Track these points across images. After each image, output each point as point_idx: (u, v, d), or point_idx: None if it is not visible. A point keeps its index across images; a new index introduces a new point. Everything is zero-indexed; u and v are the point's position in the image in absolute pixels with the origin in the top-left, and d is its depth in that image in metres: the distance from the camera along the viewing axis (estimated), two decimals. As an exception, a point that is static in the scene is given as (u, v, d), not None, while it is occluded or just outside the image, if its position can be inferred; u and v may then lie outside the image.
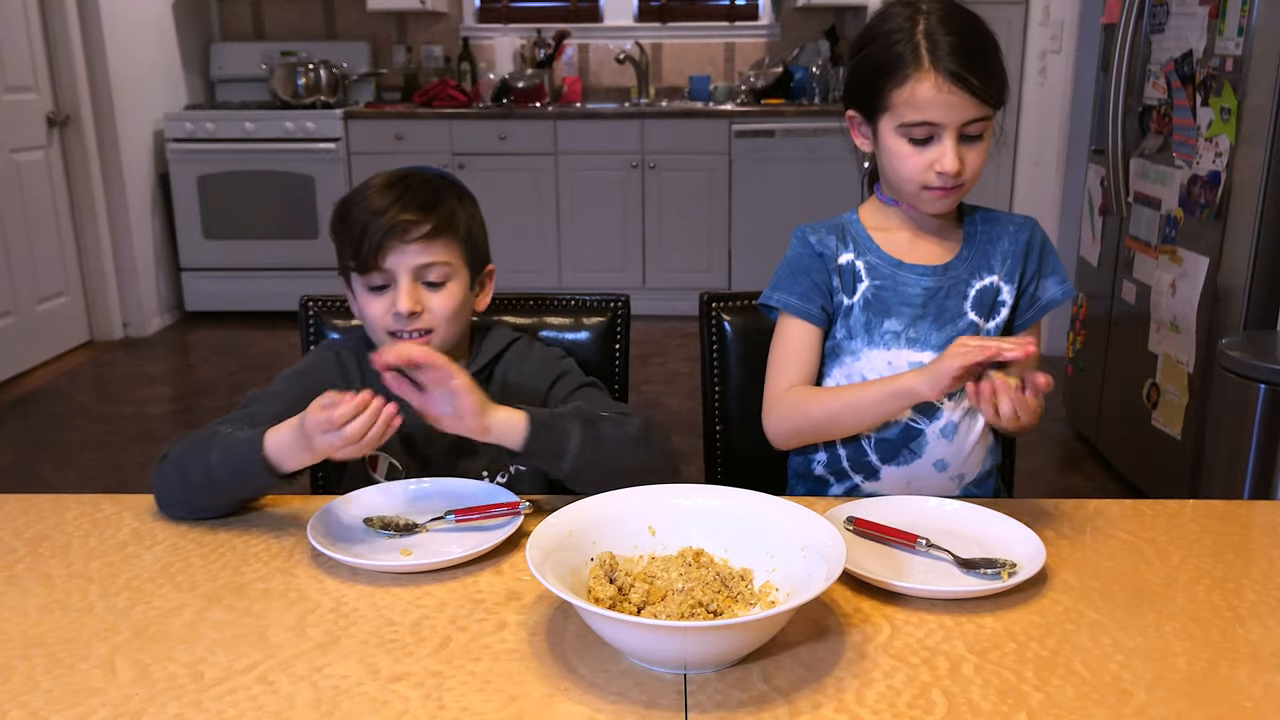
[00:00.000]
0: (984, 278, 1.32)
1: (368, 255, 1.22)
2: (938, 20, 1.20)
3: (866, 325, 1.31)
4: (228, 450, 1.13)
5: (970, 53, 1.18)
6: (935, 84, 1.18)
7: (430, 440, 1.30)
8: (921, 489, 1.32)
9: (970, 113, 1.19)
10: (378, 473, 1.31)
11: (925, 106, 1.19)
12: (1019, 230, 1.34)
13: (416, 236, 1.23)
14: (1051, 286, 1.35)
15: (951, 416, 1.31)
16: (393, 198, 1.24)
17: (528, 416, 1.13)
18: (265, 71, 4.97)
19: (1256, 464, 2.06)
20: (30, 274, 4.16)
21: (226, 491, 1.15)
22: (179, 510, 1.16)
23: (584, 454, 1.14)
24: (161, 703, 0.84)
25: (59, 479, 3.16)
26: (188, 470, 1.14)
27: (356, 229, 1.23)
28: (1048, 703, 0.83)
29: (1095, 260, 3.22)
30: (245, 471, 1.12)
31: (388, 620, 0.96)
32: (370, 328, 1.28)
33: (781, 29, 5.20)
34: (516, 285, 4.75)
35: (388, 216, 1.22)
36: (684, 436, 3.44)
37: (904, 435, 1.31)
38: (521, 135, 4.71)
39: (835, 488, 1.37)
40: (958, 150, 1.20)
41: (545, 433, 1.13)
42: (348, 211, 1.26)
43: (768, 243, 4.59)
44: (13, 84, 4.07)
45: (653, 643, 0.87)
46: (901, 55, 1.19)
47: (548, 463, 1.15)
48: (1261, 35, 2.32)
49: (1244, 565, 1.07)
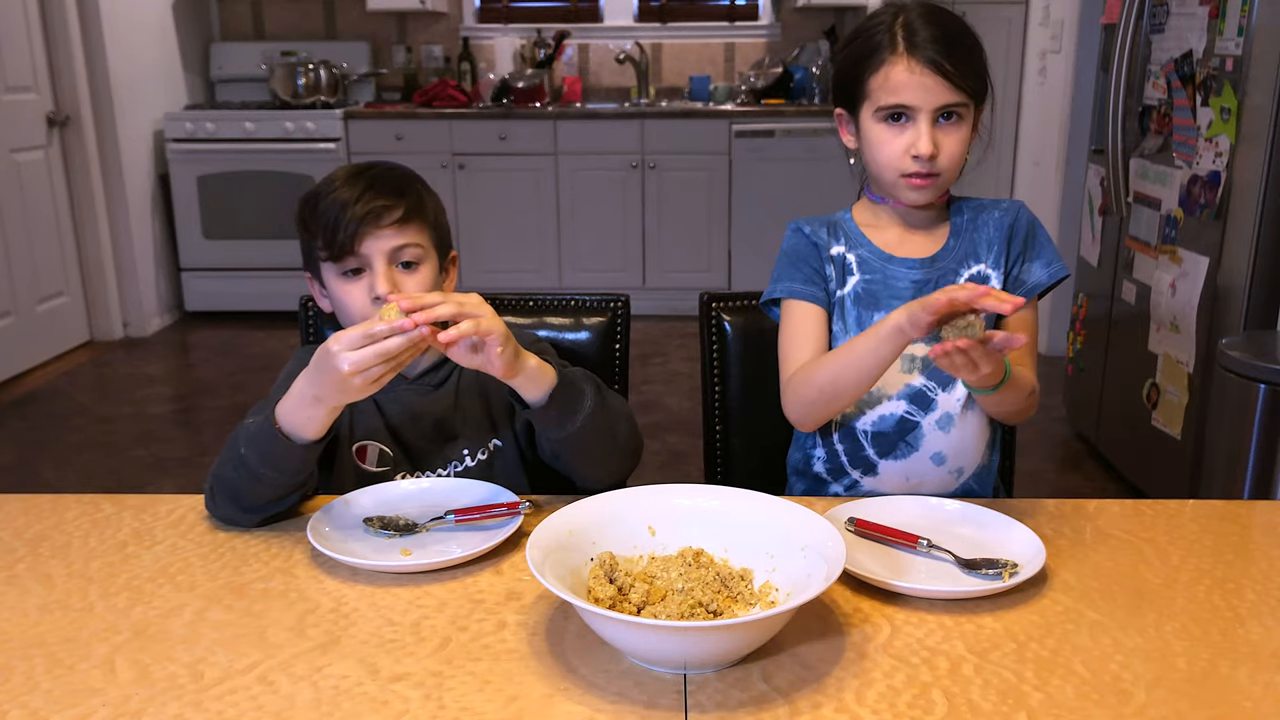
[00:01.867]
0: (972, 266, 1.33)
1: (344, 241, 1.24)
2: (918, 15, 1.24)
3: (858, 319, 1.32)
4: (250, 438, 1.13)
5: (946, 41, 1.22)
6: (908, 66, 1.22)
7: (414, 427, 1.33)
8: (921, 484, 1.32)
9: (944, 97, 1.22)
10: (367, 462, 1.32)
11: (898, 89, 1.22)
12: (1004, 215, 1.35)
13: (390, 221, 1.25)
14: (1037, 270, 1.33)
15: (947, 408, 1.31)
16: (363, 185, 1.26)
17: (556, 370, 1.17)
18: (265, 71, 4.97)
19: (1256, 464, 2.06)
20: (30, 274, 4.16)
21: (267, 480, 1.13)
22: (240, 516, 1.15)
23: (594, 416, 1.18)
24: (161, 703, 0.84)
25: (59, 479, 3.16)
26: (227, 475, 1.14)
27: (329, 217, 1.25)
28: (1048, 703, 0.83)
29: (1095, 260, 3.22)
30: (271, 451, 1.12)
31: (388, 620, 0.96)
32: (348, 316, 1.28)
33: (781, 29, 5.20)
34: (516, 285, 4.76)
35: (361, 202, 1.24)
36: (684, 436, 3.44)
37: (900, 428, 1.31)
38: (521, 135, 4.71)
39: (834, 486, 1.37)
40: (932, 134, 1.23)
41: (568, 388, 1.17)
42: (316, 203, 1.27)
43: (768, 243, 4.59)
44: (13, 84, 4.07)
45: (653, 643, 0.87)
46: (880, 44, 1.24)
47: (561, 419, 1.18)
48: (1261, 35, 2.32)
49: (1244, 565, 1.07)
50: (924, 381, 1.31)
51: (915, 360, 1.31)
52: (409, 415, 1.33)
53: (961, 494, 1.34)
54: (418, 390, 1.34)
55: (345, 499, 1.18)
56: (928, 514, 1.15)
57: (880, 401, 1.32)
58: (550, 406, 1.16)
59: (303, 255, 1.34)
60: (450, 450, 1.33)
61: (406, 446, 1.33)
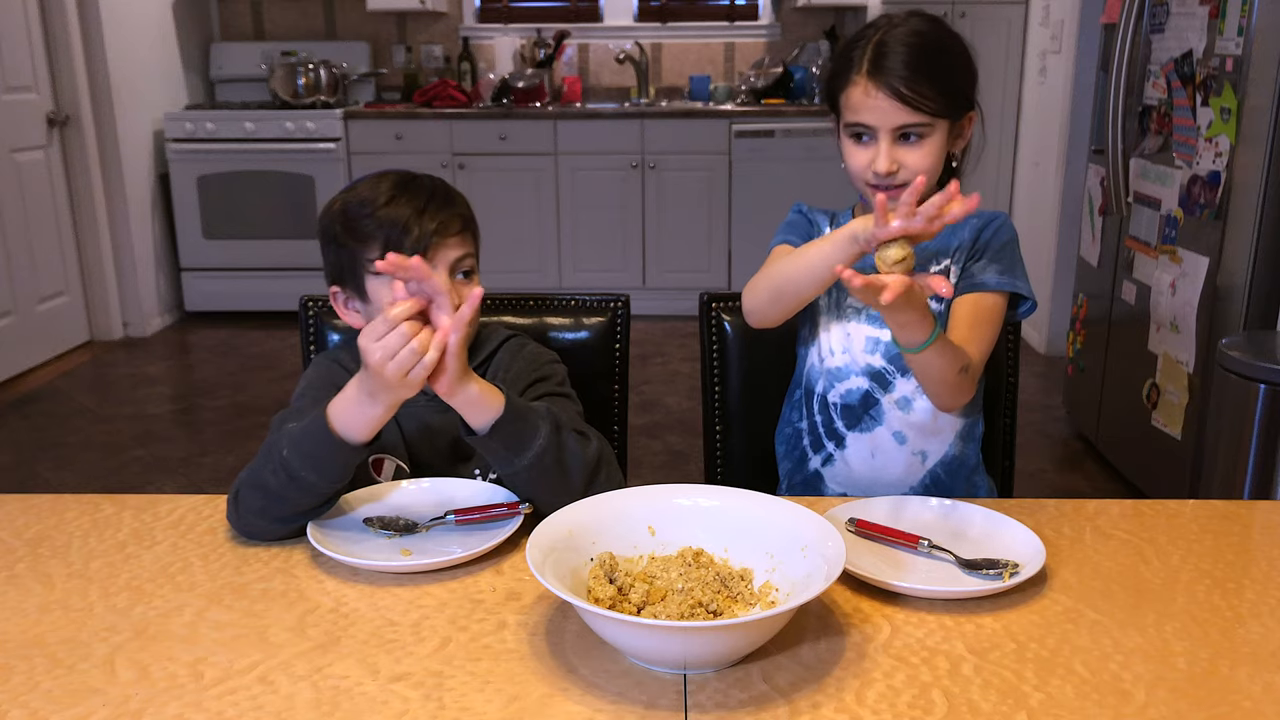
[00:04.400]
0: (940, 262, 1.37)
1: (416, 253, 1.18)
2: (899, 34, 1.27)
3: (836, 301, 1.41)
4: (295, 440, 1.09)
5: (912, 65, 1.24)
6: (865, 89, 1.26)
7: (430, 445, 1.31)
8: (886, 462, 1.39)
9: (899, 119, 1.26)
10: (382, 476, 1.31)
11: (858, 109, 1.28)
12: (981, 221, 1.37)
13: (454, 231, 1.26)
14: (990, 274, 1.33)
15: (905, 392, 1.37)
16: (425, 198, 1.25)
17: (505, 401, 1.11)
18: (265, 71, 4.97)
19: (1256, 464, 2.06)
20: (30, 274, 4.16)
21: (309, 486, 1.09)
22: (266, 527, 1.12)
23: (545, 456, 1.12)
24: (161, 703, 0.84)
25: (59, 479, 3.16)
26: (263, 482, 1.10)
27: (389, 230, 1.22)
28: (1048, 703, 0.83)
29: (1095, 260, 3.22)
30: (317, 453, 1.08)
31: (388, 620, 0.96)
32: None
33: (781, 29, 5.20)
34: (516, 285, 4.76)
35: (429, 215, 1.24)
36: (684, 436, 3.44)
37: (863, 402, 1.39)
38: (521, 135, 4.71)
39: (814, 459, 1.44)
40: (891, 151, 1.27)
41: (516, 421, 1.11)
42: (357, 219, 1.25)
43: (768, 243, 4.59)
44: (13, 84, 4.07)
45: (653, 643, 0.87)
46: (851, 62, 1.28)
47: (507, 452, 1.12)
48: (1261, 35, 2.32)
49: (1244, 565, 1.07)
50: (884, 364, 1.38)
51: (879, 344, 1.37)
52: (426, 432, 1.32)
53: (930, 482, 1.39)
54: (436, 407, 1.31)
55: (345, 499, 1.18)
56: (928, 514, 1.15)
57: (849, 376, 1.39)
58: (493, 437, 1.10)
59: (332, 269, 1.30)
60: (463, 470, 1.31)
61: (421, 463, 1.32)
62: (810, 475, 1.44)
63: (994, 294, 1.32)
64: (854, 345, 1.38)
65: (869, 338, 1.38)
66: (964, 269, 1.35)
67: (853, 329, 1.39)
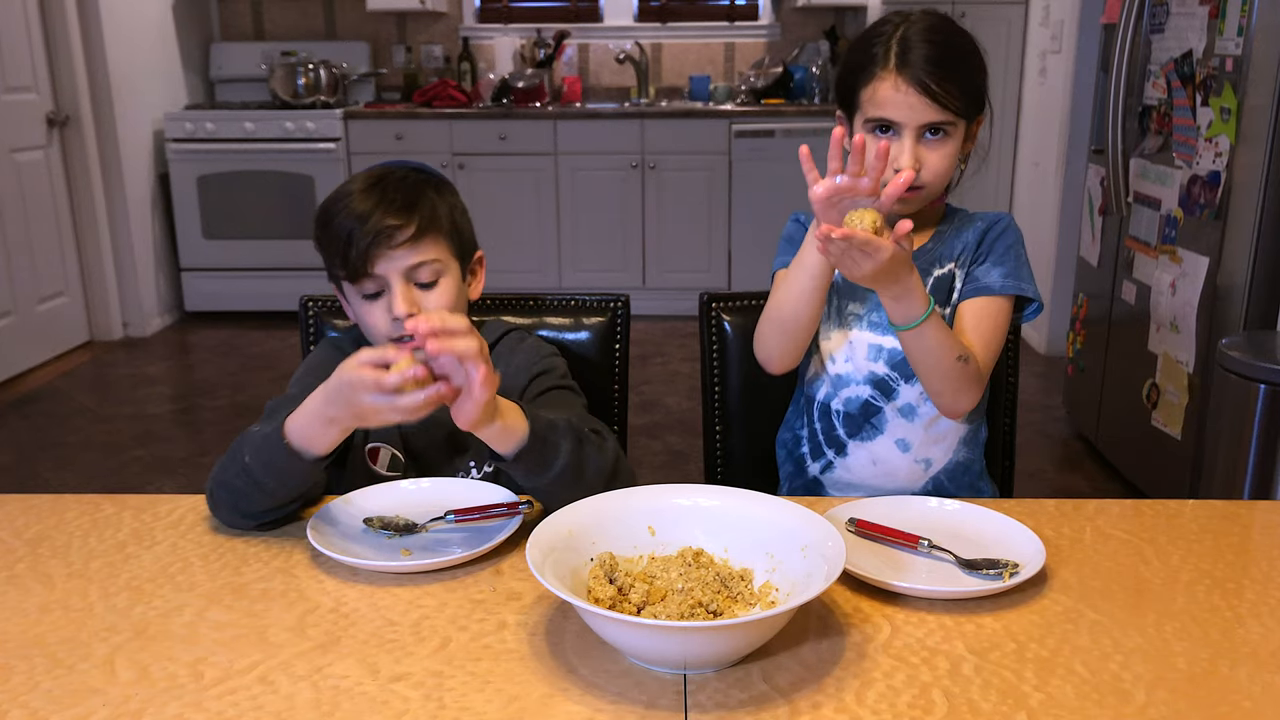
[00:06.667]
0: (943, 266, 1.36)
1: (356, 264, 1.21)
2: (919, 30, 1.26)
3: (838, 309, 1.39)
4: (256, 447, 1.11)
5: (937, 61, 1.24)
6: (895, 84, 1.25)
7: (426, 436, 1.32)
8: (889, 470, 1.38)
9: (928, 116, 1.25)
10: (379, 465, 1.32)
11: (884, 104, 1.26)
12: (984, 223, 1.37)
13: (402, 240, 1.22)
14: (995, 275, 1.33)
15: (909, 399, 1.36)
16: (373, 202, 1.22)
17: (530, 429, 1.09)
18: (265, 71, 4.97)
19: (1256, 464, 2.06)
20: (30, 274, 4.16)
21: (269, 491, 1.11)
22: (239, 521, 1.14)
23: (567, 473, 1.12)
24: (161, 703, 0.84)
25: (59, 479, 3.16)
26: (230, 479, 1.11)
27: (341, 238, 1.22)
28: (1048, 703, 0.83)
29: (1095, 260, 3.22)
30: (274, 462, 1.09)
31: (388, 620, 0.96)
32: (371, 335, 1.28)
33: (781, 29, 5.20)
34: (516, 285, 4.76)
35: (371, 223, 1.20)
36: (684, 436, 3.44)
37: (864, 410, 1.38)
38: (521, 135, 4.71)
39: (812, 466, 1.43)
40: (915, 150, 1.26)
41: (539, 447, 1.10)
42: (329, 220, 1.24)
43: (768, 243, 4.59)
44: (13, 84, 4.07)
45: (653, 643, 0.87)
46: (875, 56, 1.27)
47: (529, 475, 1.12)
48: (1261, 35, 2.32)
49: (1244, 565, 1.07)
50: (887, 371, 1.36)
51: (883, 350, 1.36)
52: (423, 423, 1.26)
53: (933, 489, 1.39)
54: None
55: (345, 499, 1.18)
56: (928, 514, 1.15)
57: (850, 384, 1.38)
58: (518, 462, 1.10)
59: (325, 266, 1.30)
60: (459, 461, 1.32)
61: (417, 454, 1.32)
62: (810, 481, 1.44)
63: (999, 297, 1.32)
64: (856, 353, 1.38)
65: (871, 345, 1.37)
66: (968, 272, 1.35)
67: (855, 336, 1.38)
